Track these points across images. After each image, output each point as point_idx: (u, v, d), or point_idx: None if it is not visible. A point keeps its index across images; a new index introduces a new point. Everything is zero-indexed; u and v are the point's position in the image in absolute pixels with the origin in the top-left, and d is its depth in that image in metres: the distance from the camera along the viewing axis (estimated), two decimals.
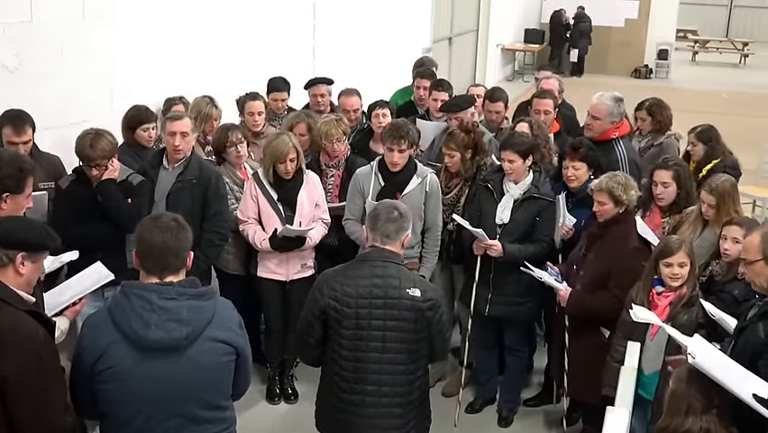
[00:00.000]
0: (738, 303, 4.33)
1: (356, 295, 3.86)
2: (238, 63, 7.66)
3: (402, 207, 4.02)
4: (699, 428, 3.10)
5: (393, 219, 3.91)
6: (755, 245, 3.72)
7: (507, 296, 5.38)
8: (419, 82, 7.37)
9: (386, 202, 4.08)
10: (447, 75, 13.88)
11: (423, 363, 4.08)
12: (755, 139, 11.44)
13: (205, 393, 3.16)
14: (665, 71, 21.52)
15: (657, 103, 7.08)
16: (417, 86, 7.37)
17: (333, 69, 8.20)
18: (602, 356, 4.76)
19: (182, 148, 5.22)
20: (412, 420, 4.08)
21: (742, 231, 4.56)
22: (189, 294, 3.09)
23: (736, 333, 3.83)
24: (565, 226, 5.36)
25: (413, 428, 4.10)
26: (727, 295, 4.42)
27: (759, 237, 3.73)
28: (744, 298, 4.32)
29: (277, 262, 5.56)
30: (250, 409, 5.68)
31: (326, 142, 5.85)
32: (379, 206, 4.01)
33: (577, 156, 5.41)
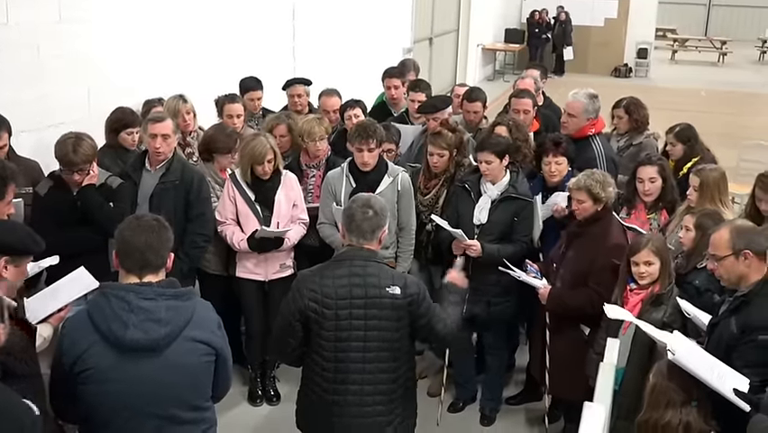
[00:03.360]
0: (700, 293, 4.37)
1: (336, 296, 3.84)
2: (217, 64, 7.65)
3: (377, 203, 3.95)
4: (679, 421, 3.13)
5: (368, 218, 3.87)
6: (724, 241, 3.76)
7: (486, 296, 5.38)
8: (388, 81, 7.36)
9: (360, 199, 3.99)
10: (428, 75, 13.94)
11: (406, 360, 4.05)
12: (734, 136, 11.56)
13: (185, 394, 3.15)
14: (645, 70, 21.68)
15: (634, 102, 7.11)
16: (387, 85, 7.36)
17: (314, 70, 8.21)
18: (583, 353, 4.78)
19: (163, 150, 5.21)
20: (397, 417, 4.06)
21: (692, 219, 4.61)
22: (168, 294, 3.08)
23: (708, 328, 3.88)
24: (559, 207, 5.37)
25: (399, 425, 4.08)
26: (689, 286, 4.46)
27: (728, 233, 3.77)
28: (705, 288, 4.37)
29: (255, 263, 5.55)
30: (231, 411, 5.67)
31: (308, 140, 5.83)
32: (354, 204, 3.95)
33: (559, 151, 5.46)
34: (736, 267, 3.71)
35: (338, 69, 9.82)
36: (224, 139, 5.69)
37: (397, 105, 7.29)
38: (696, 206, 5.07)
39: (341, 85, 7.19)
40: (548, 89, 8.09)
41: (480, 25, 18.64)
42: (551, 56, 21.02)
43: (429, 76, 14.18)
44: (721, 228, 3.86)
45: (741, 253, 3.70)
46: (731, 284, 3.81)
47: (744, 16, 29.79)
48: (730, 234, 3.76)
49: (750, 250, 3.69)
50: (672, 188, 5.50)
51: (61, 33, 5.87)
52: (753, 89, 19.85)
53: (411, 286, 3.92)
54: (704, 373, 3.30)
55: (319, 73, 7.93)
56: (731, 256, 3.74)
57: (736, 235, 3.75)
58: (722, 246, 3.77)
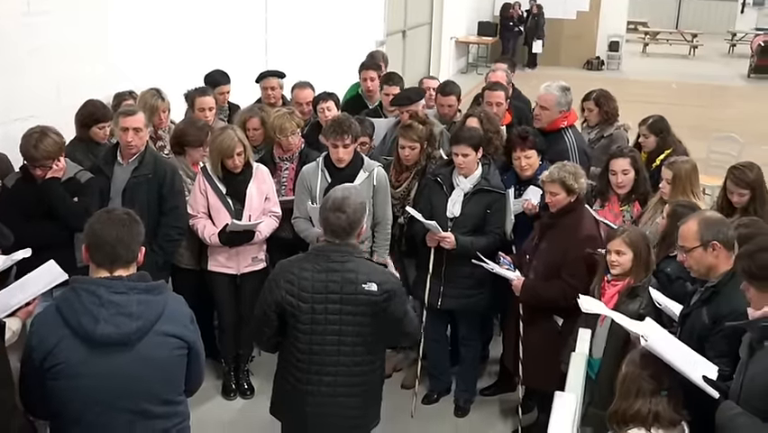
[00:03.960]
0: (672, 281, 4.41)
1: (312, 290, 3.84)
2: (189, 57, 7.58)
3: (350, 205, 3.87)
4: (649, 411, 3.16)
5: (341, 221, 3.84)
6: (693, 232, 3.80)
7: (460, 288, 5.41)
8: (365, 74, 7.36)
9: (332, 201, 3.90)
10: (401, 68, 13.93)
11: (380, 355, 4.10)
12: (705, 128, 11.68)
13: (157, 388, 3.13)
14: (617, 63, 21.82)
15: (604, 94, 7.17)
16: (364, 77, 7.36)
17: (287, 63, 8.17)
18: (556, 344, 4.80)
19: (135, 144, 5.16)
20: (371, 408, 4.12)
21: (669, 208, 4.66)
22: (139, 288, 3.06)
23: (680, 319, 3.91)
24: (529, 203, 5.39)
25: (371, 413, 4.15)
26: (661, 274, 4.50)
27: (696, 225, 3.81)
28: (676, 275, 4.41)
29: (227, 256, 5.54)
30: (205, 405, 5.66)
31: (280, 136, 5.81)
32: (327, 206, 3.88)
33: (527, 145, 5.48)
34: (704, 258, 3.76)
35: (311, 61, 9.78)
36: (195, 132, 5.65)
37: (372, 97, 7.28)
38: (669, 198, 5.12)
39: (314, 77, 7.17)
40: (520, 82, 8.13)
41: (453, 18, 18.65)
42: (523, 49, 21.09)
43: (402, 69, 14.17)
44: (689, 220, 3.90)
45: (709, 244, 3.74)
46: (700, 275, 3.85)
47: (714, 9, 30.07)
48: (698, 225, 3.81)
49: (718, 241, 3.73)
50: (644, 180, 5.56)
51: (30, 26, 5.79)
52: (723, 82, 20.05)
53: (389, 282, 3.92)
54: (675, 360, 3.33)
55: (292, 66, 7.89)
56: (699, 248, 3.78)
57: (704, 227, 3.79)
58: (690, 238, 3.81)
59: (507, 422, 5.70)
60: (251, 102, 6.98)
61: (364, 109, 7.03)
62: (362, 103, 7.27)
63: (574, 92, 6.30)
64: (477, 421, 5.73)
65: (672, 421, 3.16)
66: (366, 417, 4.11)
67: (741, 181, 5.11)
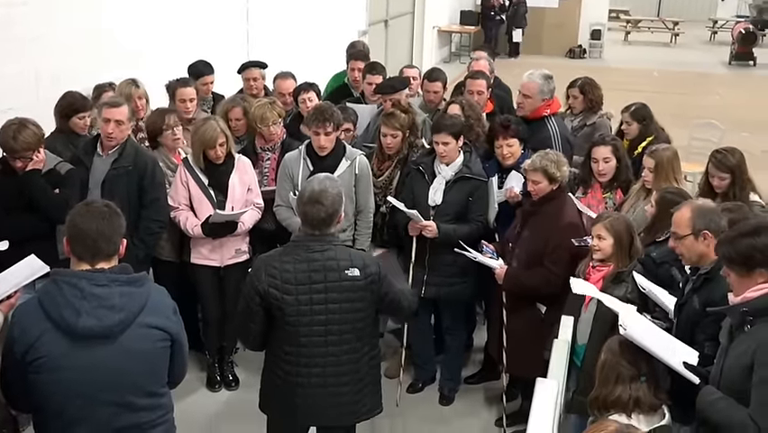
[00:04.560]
0: (657, 265, 4.44)
1: (296, 282, 3.84)
2: (170, 48, 7.54)
3: (328, 197, 3.85)
4: (629, 397, 3.18)
5: (319, 213, 3.83)
6: (685, 220, 3.82)
7: (443, 277, 5.42)
8: (353, 64, 7.35)
9: (310, 193, 3.87)
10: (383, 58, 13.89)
11: (369, 340, 4.09)
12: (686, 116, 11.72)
13: (140, 380, 3.12)
14: (599, 51, 21.86)
15: (589, 82, 7.21)
16: (352, 67, 7.35)
17: (268, 53, 8.13)
18: (539, 332, 4.82)
19: (116, 136, 5.13)
20: (366, 396, 4.12)
21: (657, 195, 4.69)
22: (121, 280, 3.05)
23: (676, 310, 3.94)
24: (512, 191, 5.40)
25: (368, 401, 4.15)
26: (647, 258, 4.53)
27: (689, 212, 3.84)
28: (662, 260, 4.43)
29: (210, 248, 5.52)
30: (190, 397, 5.65)
31: (262, 126, 5.79)
32: (305, 198, 3.87)
33: (509, 133, 5.48)
34: (695, 246, 3.78)
35: (293, 51, 9.74)
36: (156, 120, 5.64)
37: (359, 87, 7.27)
38: (653, 186, 5.15)
39: (296, 68, 7.14)
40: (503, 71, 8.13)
41: (435, 7, 18.61)
42: (505, 38, 21.08)
43: (385, 58, 14.13)
44: (683, 207, 3.93)
45: (700, 233, 3.76)
46: (691, 262, 3.88)
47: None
48: (691, 213, 3.84)
49: (709, 231, 3.75)
50: (626, 168, 5.59)
51: (7, 17, 5.74)
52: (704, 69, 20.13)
53: (370, 265, 3.94)
54: (654, 348, 3.36)
55: (273, 56, 7.85)
56: (691, 236, 3.81)
57: (696, 216, 3.82)
58: (683, 225, 3.84)
59: (491, 410, 5.72)
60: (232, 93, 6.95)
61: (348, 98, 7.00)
62: (349, 93, 7.26)
63: (557, 80, 6.31)
64: (462, 409, 5.75)
65: (653, 406, 3.19)
66: (359, 403, 4.09)
67: (722, 165, 5.15)
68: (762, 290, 3.23)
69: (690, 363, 3.46)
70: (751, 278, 3.26)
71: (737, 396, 3.22)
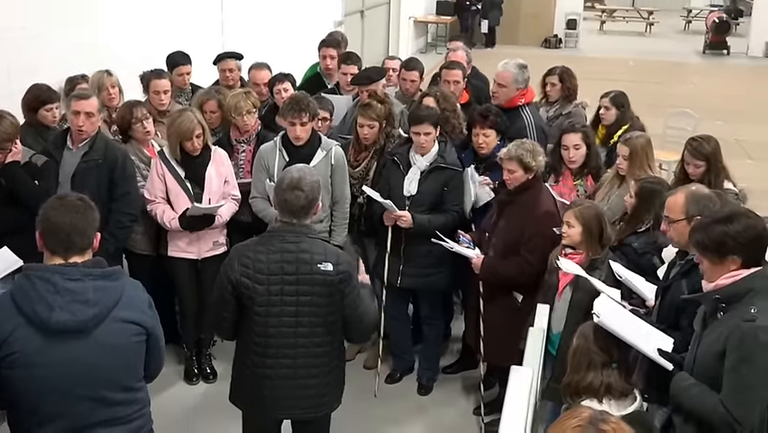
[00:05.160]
0: (639, 255, 4.48)
1: (268, 272, 3.82)
2: (143, 39, 7.48)
3: (307, 183, 3.85)
4: (601, 383, 3.21)
5: (299, 200, 3.82)
6: (679, 205, 3.86)
7: (419, 267, 5.43)
8: (325, 51, 7.31)
9: (289, 180, 3.86)
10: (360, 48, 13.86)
11: (339, 335, 4.07)
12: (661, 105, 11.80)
13: (116, 375, 3.10)
14: (574, 41, 21.93)
15: (567, 71, 7.27)
16: (323, 55, 7.31)
17: (243, 43, 8.10)
18: (516, 320, 4.83)
19: (85, 128, 5.09)
20: (332, 387, 4.11)
21: (636, 186, 4.72)
22: (95, 274, 3.02)
23: (659, 292, 3.97)
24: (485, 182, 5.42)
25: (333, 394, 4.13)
26: (629, 248, 4.57)
27: (684, 197, 3.87)
28: (643, 250, 4.48)
29: (188, 241, 5.49)
30: (168, 391, 5.63)
31: (236, 115, 5.76)
32: (283, 186, 3.86)
33: (487, 124, 5.49)
34: (686, 231, 3.75)
35: (268, 42, 9.70)
36: (124, 114, 5.59)
37: (331, 76, 7.25)
38: (627, 174, 5.19)
39: (271, 58, 7.12)
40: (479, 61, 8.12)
41: None
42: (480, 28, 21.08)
43: (361, 49, 14.11)
44: (678, 192, 3.97)
45: (693, 219, 3.77)
46: (681, 247, 3.91)
47: None
48: (686, 199, 3.87)
49: (702, 216, 3.77)
50: (596, 155, 5.65)
51: None
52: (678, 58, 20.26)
53: (343, 263, 3.92)
54: (628, 335, 3.39)
55: (249, 47, 7.82)
56: (684, 221, 3.84)
57: (691, 201, 3.85)
58: (676, 210, 3.87)
59: (469, 399, 5.75)
60: (207, 84, 6.92)
61: (323, 88, 6.98)
62: (321, 81, 7.23)
63: (533, 70, 6.34)
64: (440, 399, 5.77)
65: (624, 391, 3.22)
66: (325, 397, 4.08)
67: (698, 153, 5.20)
68: (734, 278, 3.26)
69: (664, 350, 3.49)
70: (723, 265, 3.29)
71: (710, 382, 3.26)
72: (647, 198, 4.58)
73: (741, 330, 3.16)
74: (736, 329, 3.17)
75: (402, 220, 5.30)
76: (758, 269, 3.28)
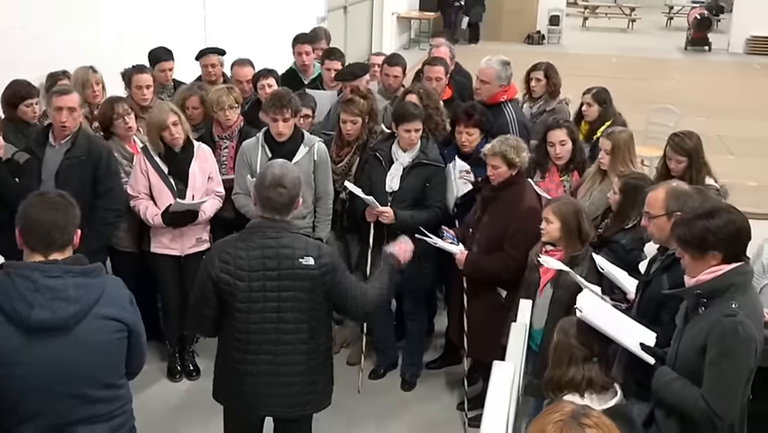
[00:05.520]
0: (627, 252, 4.50)
1: (249, 268, 3.81)
2: (125, 35, 7.44)
3: (288, 180, 3.85)
4: (582, 377, 3.22)
5: (281, 196, 3.82)
6: (660, 201, 3.87)
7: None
8: (300, 47, 7.28)
9: (271, 177, 3.85)
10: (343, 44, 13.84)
11: (323, 331, 4.05)
12: (642, 101, 11.85)
13: (97, 372, 3.09)
14: (557, 37, 21.97)
15: (552, 67, 7.26)
16: (299, 51, 7.28)
17: (226, 39, 8.05)
18: (500, 316, 4.84)
19: (68, 124, 5.05)
20: (318, 386, 4.08)
21: (620, 183, 4.74)
22: (75, 271, 3.01)
23: (641, 286, 3.99)
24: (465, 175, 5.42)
25: (319, 394, 4.10)
26: (617, 245, 4.58)
27: (664, 193, 3.89)
28: (630, 247, 4.50)
29: (171, 238, 5.47)
30: (151, 388, 5.62)
31: (218, 110, 5.75)
32: (266, 183, 3.84)
33: (471, 122, 5.49)
34: (666, 227, 3.79)
35: (251, 38, 9.66)
36: (105, 110, 5.56)
37: (306, 71, 7.23)
38: (609, 169, 5.21)
39: (254, 55, 7.08)
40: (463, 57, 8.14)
41: None
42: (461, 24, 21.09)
43: (344, 45, 14.08)
44: (658, 188, 3.98)
45: (673, 215, 3.79)
46: (661, 242, 3.93)
47: None
48: (666, 194, 3.88)
49: (682, 212, 3.78)
50: (580, 150, 5.68)
51: None
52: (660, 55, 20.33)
53: (325, 256, 3.90)
54: (611, 330, 3.40)
55: (231, 42, 7.78)
56: (664, 216, 3.85)
57: (671, 197, 3.87)
58: (656, 206, 3.88)
59: (453, 394, 5.76)
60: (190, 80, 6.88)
61: (301, 85, 6.95)
62: (297, 77, 7.20)
63: (516, 66, 6.35)
64: (423, 394, 5.78)
65: (605, 385, 3.23)
66: (310, 395, 4.05)
67: (680, 148, 5.21)
68: (715, 273, 3.28)
69: (646, 345, 3.51)
70: (704, 260, 3.30)
71: (692, 377, 3.28)
72: (631, 194, 4.59)
73: (722, 325, 3.18)
74: (718, 324, 3.19)
75: (384, 216, 5.30)
76: (739, 264, 3.30)
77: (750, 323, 3.21)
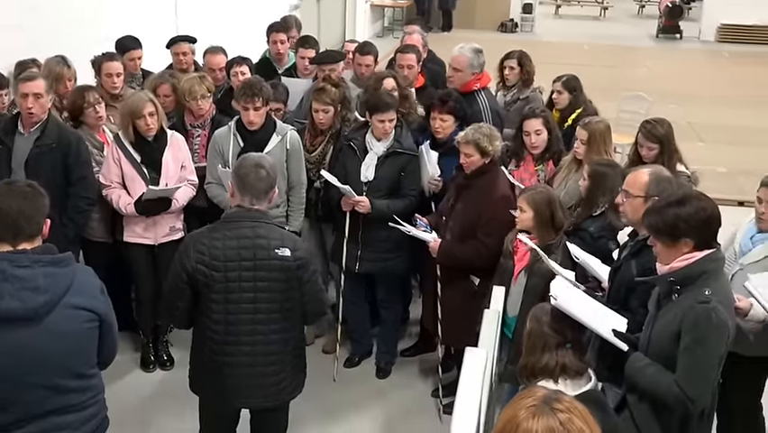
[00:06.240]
0: (594, 239, 4.52)
1: (224, 258, 3.80)
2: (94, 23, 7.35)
3: (267, 162, 3.93)
4: (556, 363, 3.23)
5: (261, 178, 3.84)
6: (641, 182, 3.88)
7: (377, 252, 5.44)
8: (275, 36, 7.24)
9: (251, 159, 3.95)
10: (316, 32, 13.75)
11: (297, 321, 4.07)
12: (614, 88, 11.91)
13: (68, 362, 3.08)
14: (530, 25, 21.98)
15: (526, 55, 7.25)
16: (274, 40, 7.24)
17: (198, 27, 7.98)
18: (473, 303, 4.85)
19: (35, 111, 4.98)
20: (289, 375, 4.08)
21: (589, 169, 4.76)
22: (45, 261, 2.99)
23: (611, 273, 4.01)
24: (433, 181, 5.42)
25: (291, 381, 4.11)
26: (585, 232, 4.60)
27: (647, 176, 3.90)
28: (598, 234, 4.52)
29: (144, 227, 5.43)
30: (124, 378, 5.59)
31: (190, 99, 5.71)
32: (245, 164, 3.90)
33: (445, 109, 5.48)
34: (641, 210, 3.77)
35: (223, 26, 9.59)
36: (76, 98, 5.49)
37: (281, 60, 7.20)
38: (584, 158, 5.22)
39: (226, 42, 7.02)
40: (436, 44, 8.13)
41: None
42: (438, 12, 21.07)
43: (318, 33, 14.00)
44: (642, 170, 3.99)
45: (651, 199, 3.80)
46: (632, 224, 3.95)
47: None
48: (649, 177, 3.89)
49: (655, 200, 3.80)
50: (557, 140, 5.65)
51: None
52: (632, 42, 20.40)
53: (300, 250, 3.92)
54: (584, 316, 3.42)
55: (203, 30, 7.72)
56: (641, 198, 3.87)
57: (653, 181, 3.88)
58: (636, 187, 3.89)
59: (427, 382, 5.77)
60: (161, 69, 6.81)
61: (275, 74, 6.92)
62: (272, 66, 7.17)
63: (489, 54, 6.34)
64: (398, 382, 5.79)
65: (579, 370, 3.25)
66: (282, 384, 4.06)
67: (651, 135, 5.24)
68: (687, 260, 3.31)
69: (619, 331, 3.53)
70: (676, 247, 3.33)
71: (665, 362, 3.31)
72: (600, 180, 4.60)
73: (695, 312, 3.21)
74: (691, 311, 3.22)
75: (360, 206, 5.29)
76: (711, 251, 3.33)
77: (723, 309, 3.25)
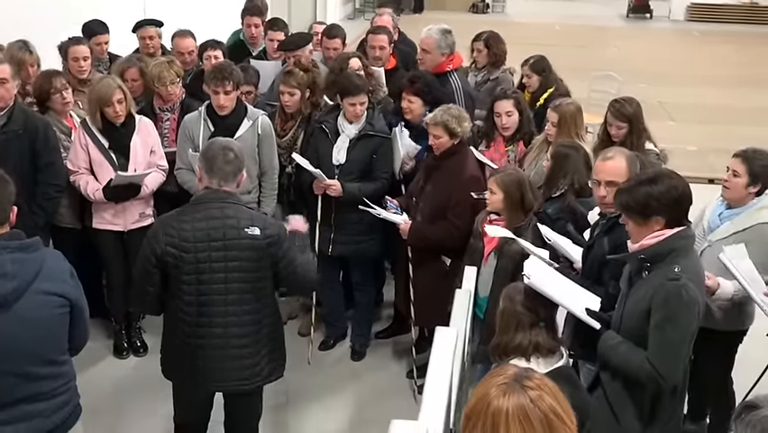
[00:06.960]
0: (553, 221, 4.52)
1: (194, 240, 3.78)
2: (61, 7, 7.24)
3: (236, 146, 3.94)
4: (529, 342, 3.25)
5: (229, 161, 3.84)
6: (623, 169, 3.89)
7: (350, 235, 5.44)
8: (249, 20, 7.20)
9: (218, 142, 3.95)
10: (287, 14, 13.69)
11: (270, 301, 4.05)
12: (585, 68, 11.96)
13: (39, 349, 3.06)
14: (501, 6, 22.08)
15: (494, 36, 7.23)
16: (248, 24, 7.20)
17: (166, 11, 7.91)
18: (445, 284, 4.85)
19: (1, 96, 4.90)
20: (264, 358, 4.06)
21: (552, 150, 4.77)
22: (12, 247, 2.97)
23: (584, 252, 4.03)
24: (408, 160, 5.41)
25: (266, 365, 4.08)
26: (543, 214, 4.61)
27: (625, 162, 3.91)
28: (556, 216, 4.53)
29: (113, 213, 5.38)
30: (97, 365, 5.56)
31: (159, 85, 5.67)
32: (214, 146, 3.90)
33: (412, 90, 5.47)
34: None
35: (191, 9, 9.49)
36: (42, 83, 5.41)
37: (255, 43, 7.16)
38: (554, 140, 5.22)
39: (194, 26, 6.95)
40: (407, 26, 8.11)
41: None
42: None
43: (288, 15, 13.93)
44: (615, 157, 3.96)
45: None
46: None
47: None
48: (627, 162, 3.91)
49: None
50: (528, 121, 5.66)
51: None
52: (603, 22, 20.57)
53: (271, 227, 3.91)
54: (557, 295, 3.44)
55: (171, 14, 7.64)
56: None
57: (631, 164, 3.91)
58: (620, 174, 3.87)
59: (401, 363, 5.80)
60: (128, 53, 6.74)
61: (249, 56, 6.88)
62: (246, 49, 7.13)
63: (461, 35, 6.32)
64: (373, 364, 5.81)
65: (551, 349, 3.27)
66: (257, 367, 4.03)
67: (620, 114, 5.27)
68: (658, 237, 3.33)
69: (592, 310, 3.56)
70: (648, 225, 3.35)
71: (637, 340, 3.35)
72: (561, 160, 4.61)
73: (665, 289, 3.24)
74: (661, 288, 3.25)
75: (332, 189, 5.28)
76: (681, 228, 3.36)
77: (693, 286, 3.28)
